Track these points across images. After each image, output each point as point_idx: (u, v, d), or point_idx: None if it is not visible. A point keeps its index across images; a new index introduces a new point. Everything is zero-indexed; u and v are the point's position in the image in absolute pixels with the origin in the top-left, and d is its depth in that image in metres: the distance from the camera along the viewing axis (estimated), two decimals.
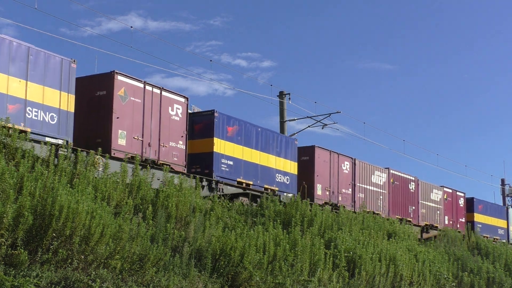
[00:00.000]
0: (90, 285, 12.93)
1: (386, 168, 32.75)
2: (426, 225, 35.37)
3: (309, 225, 22.09)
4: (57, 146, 17.04)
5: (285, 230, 20.11)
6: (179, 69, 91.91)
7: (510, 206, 53.41)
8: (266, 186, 25.03)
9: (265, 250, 17.84)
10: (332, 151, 29.21)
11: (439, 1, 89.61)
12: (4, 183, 13.40)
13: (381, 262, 22.41)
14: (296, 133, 34.59)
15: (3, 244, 12.27)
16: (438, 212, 36.96)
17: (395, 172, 33.45)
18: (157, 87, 21.08)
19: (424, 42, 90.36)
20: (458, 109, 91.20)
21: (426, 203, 35.83)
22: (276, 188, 25.49)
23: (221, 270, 16.39)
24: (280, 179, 25.90)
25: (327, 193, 28.43)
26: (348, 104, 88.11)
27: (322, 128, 35.33)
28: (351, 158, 30.28)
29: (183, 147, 21.74)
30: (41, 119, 17.48)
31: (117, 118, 19.45)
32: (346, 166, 29.78)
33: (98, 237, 13.64)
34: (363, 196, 30.46)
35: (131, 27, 23.98)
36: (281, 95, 34.38)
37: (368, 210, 29.43)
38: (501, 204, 51.51)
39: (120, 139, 19.46)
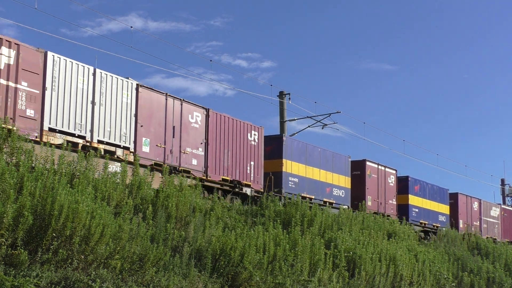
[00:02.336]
0: (90, 285, 12.93)
1: (498, 203, 46.20)
2: None
3: (309, 225, 22.08)
4: (344, 209, 27.24)
5: (285, 230, 20.10)
6: (180, 69, 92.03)
7: (510, 206, 53.59)
8: (434, 224, 36.72)
9: (265, 250, 17.84)
10: (467, 195, 40.61)
11: (439, 2, 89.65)
12: (4, 183, 13.40)
13: (381, 262, 22.40)
14: (296, 133, 34.64)
15: (3, 244, 12.27)
16: None
17: (505, 207, 46.89)
18: (382, 165, 33.19)
19: (424, 43, 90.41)
20: (458, 109, 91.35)
21: None
22: (438, 225, 36.75)
23: (221, 270, 16.39)
24: (440, 219, 37.55)
25: (465, 225, 39.77)
26: (348, 104, 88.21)
27: (322, 128, 35.47)
28: (479, 199, 41.80)
29: (395, 202, 34.02)
30: (338, 195, 29.58)
31: (367, 188, 31.66)
32: (475, 205, 41.42)
33: (98, 237, 13.63)
34: (486, 226, 41.99)
35: (131, 27, 24.02)
36: (281, 95, 34.37)
37: (488, 236, 41.22)
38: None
39: (369, 202, 31.53)
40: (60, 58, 18.02)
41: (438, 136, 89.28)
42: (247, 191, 23.86)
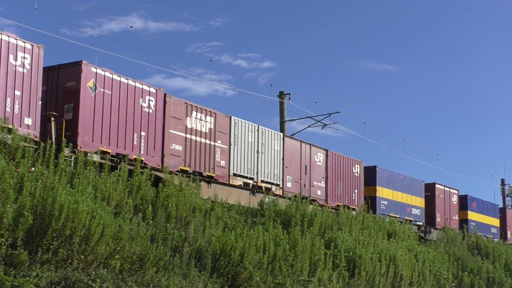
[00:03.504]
0: (90, 285, 12.92)
1: None
2: None
3: (309, 225, 22.07)
4: (419, 226, 33.74)
5: (285, 230, 20.09)
6: (180, 69, 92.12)
7: (510, 206, 53.69)
8: (487, 236, 41.10)
9: (265, 250, 17.83)
10: None
11: (440, 2, 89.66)
12: (4, 183, 13.39)
13: (381, 262, 22.39)
14: (296, 133, 34.59)
15: (3, 244, 12.27)
16: None
17: None
18: (448, 187, 38.44)
19: (424, 43, 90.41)
20: (458, 109, 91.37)
21: None
22: (491, 237, 41.22)
23: (221, 270, 16.38)
24: (492, 231, 42.95)
25: None
26: (348, 104, 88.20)
27: (322, 128, 35.49)
28: None
29: (457, 217, 39.29)
30: (415, 213, 35.06)
31: (437, 207, 37.14)
32: None
33: (98, 237, 13.63)
34: None
35: (131, 27, 24.04)
36: (281, 95, 34.35)
37: None
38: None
39: (438, 218, 36.87)
40: (238, 120, 23.99)
41: (438, 136, 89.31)
42: (353, 213, 28.31)
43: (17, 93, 16.71)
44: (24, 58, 16.90)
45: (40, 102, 17.39)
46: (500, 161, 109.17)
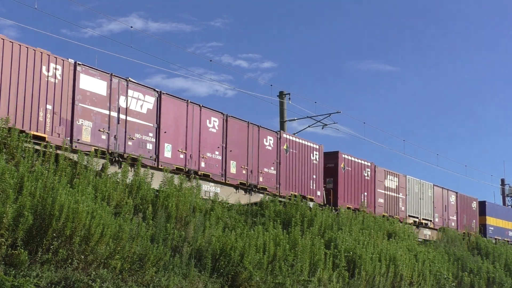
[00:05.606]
0: (90, 285, 12.93)
1: None
2: None
3: (309, 225, 22.07)
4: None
5: (285, 230, 20.10)
6: (180, 69, 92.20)
7: (510, 206, 53.76)
8: None
9: (265, 250, 17.83)
10: None
11: (441, 3, 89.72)
12: (4, 183, 13.40)
13: (381, 262, 22.39)
14: (296, 133, 34.56)
15: (3, 244, 12.27)
16: None
17: None
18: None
19: (425, 44, 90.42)
20: (458, 110, 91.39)
21: None
22: None
23: (221, 270, 16.39)
24: None
25: None
26: (348, 104, 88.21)
27: (322, 128, 35.45)
28: None
29: None
30: (511, 235, 43.11)
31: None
32: None
33: (98, 237, 13.64)
34: None
35: (131, 27, 24.08)
36: (281, 95, 34.32)
37: None
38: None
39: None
40: (410, 177, 33.83)
41: (438, 136, 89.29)
42: (471, 237, 37.44)
43: (314, 176, 27.43)
44: (316, 154, 27.72)
45: (322, 180, 28.02)
46: (500, 161, 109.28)
